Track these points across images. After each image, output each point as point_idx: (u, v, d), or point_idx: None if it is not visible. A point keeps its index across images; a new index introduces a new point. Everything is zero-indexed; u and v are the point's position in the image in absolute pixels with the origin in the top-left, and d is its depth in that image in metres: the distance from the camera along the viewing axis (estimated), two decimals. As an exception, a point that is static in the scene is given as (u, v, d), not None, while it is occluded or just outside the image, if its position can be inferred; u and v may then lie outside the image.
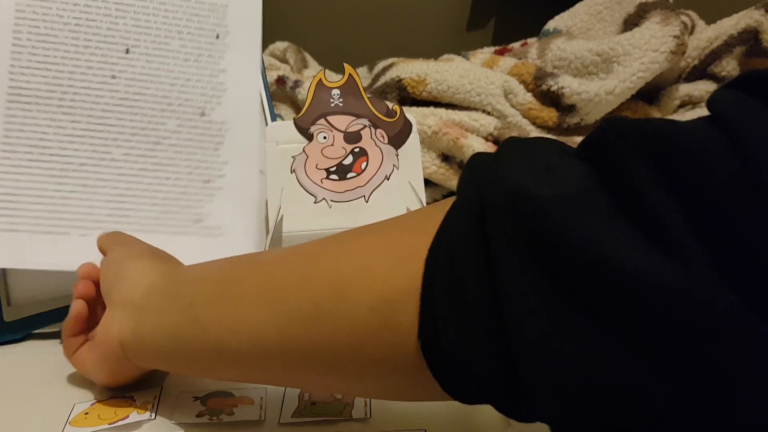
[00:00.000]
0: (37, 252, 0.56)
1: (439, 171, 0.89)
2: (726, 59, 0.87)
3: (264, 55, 0.83)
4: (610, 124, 0.26)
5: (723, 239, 0.21)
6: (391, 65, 0.97)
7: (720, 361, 0.21)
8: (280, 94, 1.05)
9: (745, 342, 0.21)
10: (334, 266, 0.34)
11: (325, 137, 0.59)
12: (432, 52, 1.08)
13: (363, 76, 1.04)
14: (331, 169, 0.58)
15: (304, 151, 0.58)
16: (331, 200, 0.58)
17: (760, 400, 0.21)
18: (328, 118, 0.59)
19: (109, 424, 0.44)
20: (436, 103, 0.92)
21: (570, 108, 0.84)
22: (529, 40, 1.09)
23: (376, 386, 0.35)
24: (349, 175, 0.58)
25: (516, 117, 0.87)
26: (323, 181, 0.58)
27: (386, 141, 0.59)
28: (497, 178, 0.27)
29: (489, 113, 0.89)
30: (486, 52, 1.09)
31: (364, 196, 0.58)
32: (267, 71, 0.94)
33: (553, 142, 0.30)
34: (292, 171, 0.58)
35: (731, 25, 0.88)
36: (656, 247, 0.22)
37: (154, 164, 0.59)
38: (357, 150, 0.59)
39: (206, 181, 0.60)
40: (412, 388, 0.33)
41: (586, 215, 0.24)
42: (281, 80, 1.04)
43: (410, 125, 0.59)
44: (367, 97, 0.59)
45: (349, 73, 0.59)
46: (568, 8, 1.03)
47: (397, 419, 0.44)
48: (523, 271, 0.25)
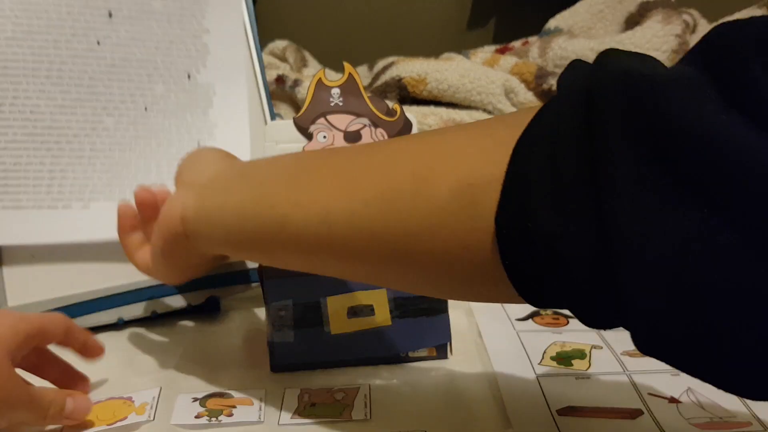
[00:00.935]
0: (42, 227, 0.56)
1: (440, 170, 0.89)
2: (727, 58, 0.86)
3: (263, 54, 0.82)
4: (719, 29, 0.25)
5: None
6: (391, 64, 0.97)
7: None
8: (279, 93, 1.04)
9: None
10: (418, 154, 0.33)
11: (324, 136, 0.58)
12: (432, 51, 1.08)
13: (363, 75, 1.04)
14: (331, 169, 0.58)
15: (303, 150, 0.58)
16: (331, 200, 0.58)
17: None
18: (327, 117, 0.59)
19: (107, 425, 0.44)
20: (437, 102, 0.92)
21: (571, 107, 0.84)
22: (530, 38, 1.08)
23: (441, 279, 0.34)
24: (349, 175, 0.58)
25: (517, 116, 0.87)
26: (323, 180, 0.58)
27: (386, 140, 0.59)
28: (607, 63, 0.27)
29: (490, 112, 0.89)
30: (487, 51, 1.08)
31: (364, 195, 0.58)
32: (266, 70, 0.94)
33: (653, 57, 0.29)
34: (292, 170, 0.58)
35: (733, 23, 0.88)
36: None
37: (146, 130, 0.58)
38: (357, 149, 0.58)
39: (198, 144, 0.60)
40: (483, 284, 0.32)
41: (699, 96, 0.23)
42: (281, 79, 1.03)
43: (410, 125, 0.59)
44: (367, 97, 0.59)
45: (349, 72, 0.59)
46: (570, 7, 1.03)
47: (397, 420, 0.44)
48: (632, 147, 0.24)
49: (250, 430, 0.43)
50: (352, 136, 0.59)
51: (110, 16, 0.57)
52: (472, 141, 0.32)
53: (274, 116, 0.63)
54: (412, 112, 0.62)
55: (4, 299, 0.56)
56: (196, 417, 0.44)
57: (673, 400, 0.44)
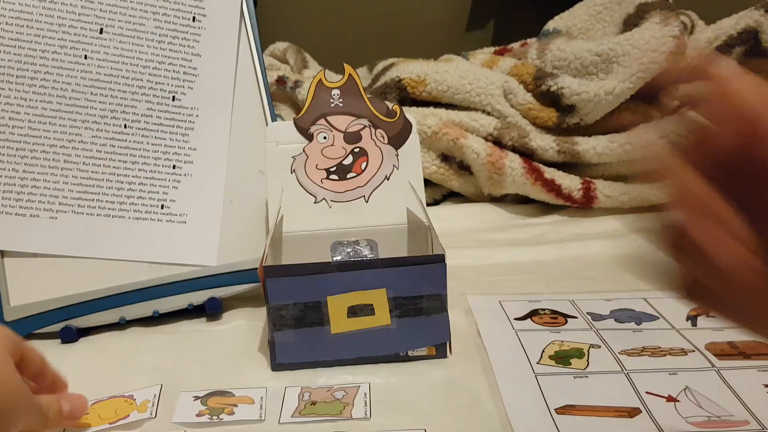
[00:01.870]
0: (7, 234, 0.56)
1: (439, 171, 0.89)
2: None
3: (264, 56, 0.82)
4: None
5: None
6: (391, 65, 0.97)
7: None
8: (280, 94, 1.05)
9: None
10: None
11: (325, 137, 0.59)
12: (432, 53, 1.09)
13: (363, 76, 1.04)
14: (331, 169, 0.58)
15: (304, 151, 0.58)
16: (331, 200, 0.58)
17: None
18: (328, 118, 0.59)
19: (110, 423, 0.44)
20: (436, 103, 0.93)
21: (570, 108, 0.84)
22: (528, 40, 1.09)
23: None
24: (349, 175, 0.58)
25: (516, 117, 0.88)
26: (323, 181, 0.58)
27: (386, 141, 0.59)
28: None
29: (489, 113, 0.89)
30: (486, 53, 1.09)
31: (364, 196, 0.58)
32: (267, 71, 0.94)
33: None
34: (292, 171, 0.58)
35: (731, 25, 0.88)
36: None
37: (123, 148, 0.59)
38: (357, 150, 0.59)
39: (173, 166, 0.60)
40: None
41: None
42: (281, 80, 1.04)
43: (410, 125, 0.60)
44: (367, 98, 0.59)
45: (349, 74, 0.59)
46: (568, 9, 1.03)
47: (397, 419, 0.44)
48: None
49: (251, 429, 0.44)
50: (352, 137, 0.59)
51: (101, 32, 0.58)
52: None
53: (274, 117, 0.63)
54: (411, 113, 0.62)
55: (6, 299, 0.56)
56: (198, 415, 0.45)
57: (670, 398, 0.45)
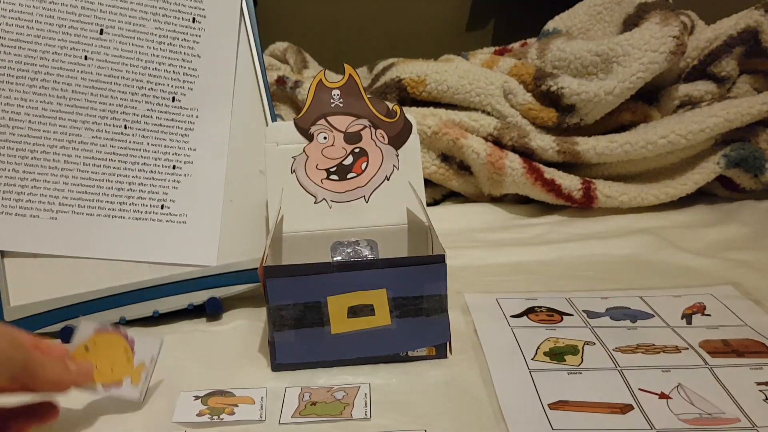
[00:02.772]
0: (7, 234, 0.56)
1: (439, 171, 0.89)
2: (725, 59, 0.87)
3: (264, 56, 0.82)
4: None
5: None
6: (391, 65, 0.97)
7: None
8: (280, 94, 1.05)
9: None
10: None
11: (325, 137, 0.59)
12: (432, 53, 1.09)
13: (363, 76, 1.04)
14: (332, 170, 0.58)
15: (304, 151, 0.58)
16: (332, 200, 0.58)
17: None
18: (328, 118, 0.59)
19: (102, 385, 0.44)
20: (436, 104, 0.93)
21: (569, 108, 0.84)
22: (528, 40, 1.09)
23: None
24: (349, 176, 0.59)
25: (516, 117, 0.88)
26: (323, 181, 0.58)
27: (386, 141, 0.59)
28: None
29: (489, 113, 0.89)
30: (486, 53, 1.09)
31: (364, 196, 0.58)
32: (267, 71, 0.94)
33: None
34: (292, 171, 0.58)
35: (731, 25, 0.88)
36: None
37: (123, 148, 0.59)
38: (357, 150, 0.59)
39: (173, 167, 0.60)
40: None
41: None
42: (281, 80, 1.04)
43: (410, 125, 0.60)
44: (367, 98, 0.59)
45: (350, 74, 0.59)
46: (568, 9, 1.03)
47: (397, 419, 0.44)
48: None
49: (251, 429, 0.44)
50: (353, 137, 0.59)
51: (101, 33, 0.58)
52: None
53: (274, 117, 0.63)
54: (411, 113, 0.63)
55: (6, 299, 0.56)
56: (198, 415, 0.45)
57: (663, 395, 0.45)
